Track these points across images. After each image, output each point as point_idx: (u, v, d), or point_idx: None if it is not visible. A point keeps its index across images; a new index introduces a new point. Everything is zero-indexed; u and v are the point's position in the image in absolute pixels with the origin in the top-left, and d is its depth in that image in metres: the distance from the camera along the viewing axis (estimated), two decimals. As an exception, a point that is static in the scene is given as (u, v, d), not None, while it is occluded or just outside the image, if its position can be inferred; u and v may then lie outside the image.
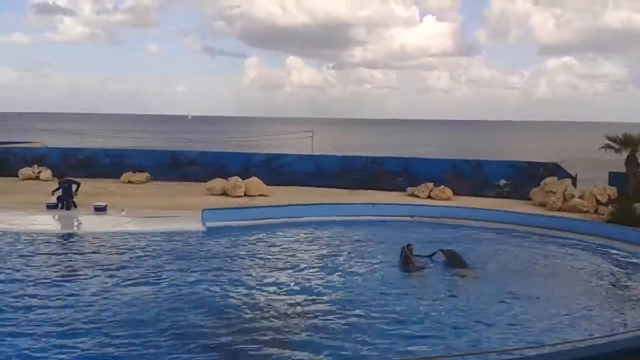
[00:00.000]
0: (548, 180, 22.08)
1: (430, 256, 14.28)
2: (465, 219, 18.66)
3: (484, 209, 19.45)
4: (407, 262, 13.66)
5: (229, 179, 23.46)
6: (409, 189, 23.64)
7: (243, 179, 23.41)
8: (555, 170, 23.18)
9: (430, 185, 23.14)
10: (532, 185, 22.58)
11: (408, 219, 18.91)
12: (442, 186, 23.03)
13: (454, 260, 13.98)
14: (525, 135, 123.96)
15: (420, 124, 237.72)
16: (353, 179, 25.02)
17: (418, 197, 22.77)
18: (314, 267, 13.61)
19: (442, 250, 14.33)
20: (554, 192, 21.36)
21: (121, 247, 14.95)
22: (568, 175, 22.65)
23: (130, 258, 13.93)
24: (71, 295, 11.16)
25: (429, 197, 22.74)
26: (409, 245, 14.07)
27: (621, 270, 14.16)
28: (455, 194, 22.92)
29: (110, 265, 13.24)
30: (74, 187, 19.34)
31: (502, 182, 23.73)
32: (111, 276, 12.40)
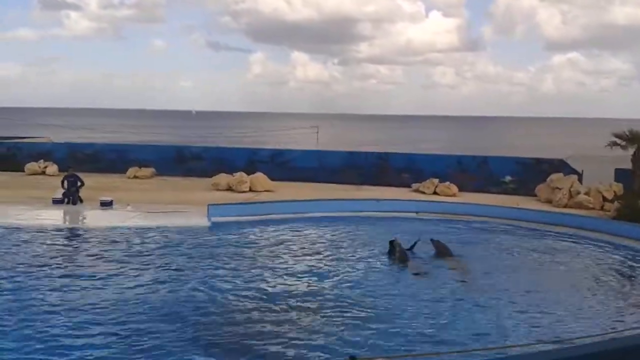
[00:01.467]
0: (554, 176, 22.01)
1: (411, 248, 14.38)
2: (471, 215, 18.65)
3: (489, 205, 19.41)
4: (402, 256, 13.75)
5: (234, 174, 23.48)
6: (414, 185, 23.60)
7: (248, 174, 23.43)
8: (561, 166, 23.11)
9: (436, 181, 23.08)
10: (537, 182, 22.51)
11: (413, 214, 18.90)
12: (448, 182, 22.97)
13: (442, 251, 14.22)
14: (530, 132, 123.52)
15: (425, 119, 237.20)
16: (358, 175, 24.99)
17: (423, 193, 22.73)
18: (318, 263, 13.63)
19: (431, 240, 14.54)
20: (560, 189, 21.29)
21: (127, 241, 15.00)
22: (574, 172, 22.57)
23: (136, 253, 13.98)
24: (76, 289, 11.22)
25: (435, 193, 22.69)
26: (395, 239, 14.19)
27: (626, 266, 14.12)
28: (460, 190, 22.87)
29: (116, 259, 13.30)
30: (79, 183, 19.39)
31: (508, 178, 23.67)
32: (116, 271, 12.45)
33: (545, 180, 22.15)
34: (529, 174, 23.46)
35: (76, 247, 14.71)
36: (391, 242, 14.17)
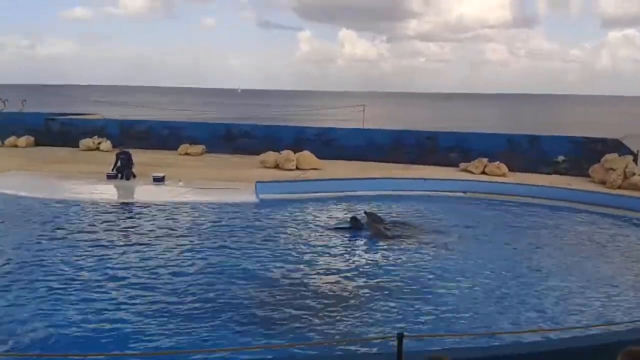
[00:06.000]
0: (608, 156, 21.31)
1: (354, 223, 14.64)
2: (520, 195, 18.33)
3: (540, 185, 19.02)
4: (378, 228, 14.07)
5: (281, 152, 23.66)
6: (462, 165, 23.25)
7: (295, 152, 23.56)
8: (616, 146, 22.33)
9: (485, 160, 22.67)
10: (591, 162, 21.85)
11: (461, 194, 18.72)
12: (497, 162, 22.55)
13: (375, 221, 14.53)
14: (585, 110, 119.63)
15: (475, 97, 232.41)
16: (405, 154, 24.80)
17: (472, 172, 22.38)
18: (363, 242, 13.70)
19: (365, 213, 14.87)
20: (614, 170, 20.62)
21: (178, 217, 15.43)
22: (629, 152, 21.79)
23: (187, 228, 14.39)
24: (128, 262, 11.64)
25: (483, 172, 22.32)
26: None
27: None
28: (510, 170, 22.41)
29: (167, 234, 13.71)
30: (132, 160, 19.96)
31: (561, 158, 23.07)
32: (167, 245, 12.85)
33: (600, 161, 21.50)
34: (582, 153, 22.80)
35: (128, 221, 15.18)
36: (367, 214, 14.70)
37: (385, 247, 13.30)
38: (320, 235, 14.08)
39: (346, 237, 14.03)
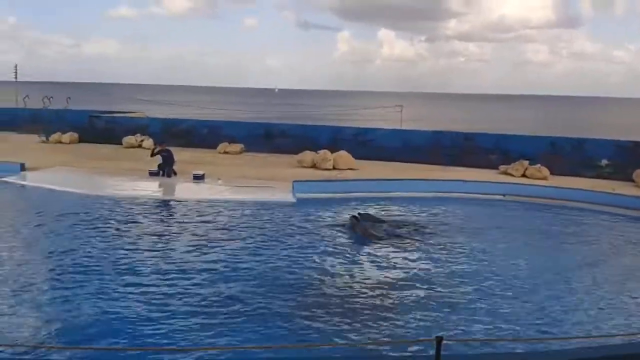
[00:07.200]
0: (654, 161, 20.73)
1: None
2: (562, 199, 17.97)
3: (582, 189, 18.60)
4: (364, 229, 14.02)
5: (319, 151, 23.73)
6: (502, 167, 22.92)
7: (332, 152, 23.61)
8: (663, 150, 21.69)
9: (526, 163, 22.29)
10: (636, 167, 21.28)
11: (500, 197, 18.48)
12: (538, 165, 22.15)
13: (366, 225, 14.32)
14: (630, 113, 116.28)
15: (516, 98, 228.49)
16: (443, 155, 24.59)
17: (512, 175, 22.05)
18: (403, 243, 13.64)
19: (360, 214, 14.85)
20: (661, 175, 20.06)
21: (217, 214, 15.65)
22: (677, 157, 21.13)
23: (224, 225, 14.57)
24: (169, 258, 11.87)
25: (524, 175, 21.95)
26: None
27: None
28: (552, 173, 22.00)
29: (206, 231, 13.92)
30: (174, 159, 20.38)
31: (604, 162, 22.52)
32: (206, 242, 13.04)
33: (644, 165, 20.91)
34: (627, 158, 22.22)
35: (168, 217, 15.49)
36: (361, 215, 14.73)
37: (368, 248, 13.20)
38: (343, 235, 14.09)
39: (346, 237, 14.00)
